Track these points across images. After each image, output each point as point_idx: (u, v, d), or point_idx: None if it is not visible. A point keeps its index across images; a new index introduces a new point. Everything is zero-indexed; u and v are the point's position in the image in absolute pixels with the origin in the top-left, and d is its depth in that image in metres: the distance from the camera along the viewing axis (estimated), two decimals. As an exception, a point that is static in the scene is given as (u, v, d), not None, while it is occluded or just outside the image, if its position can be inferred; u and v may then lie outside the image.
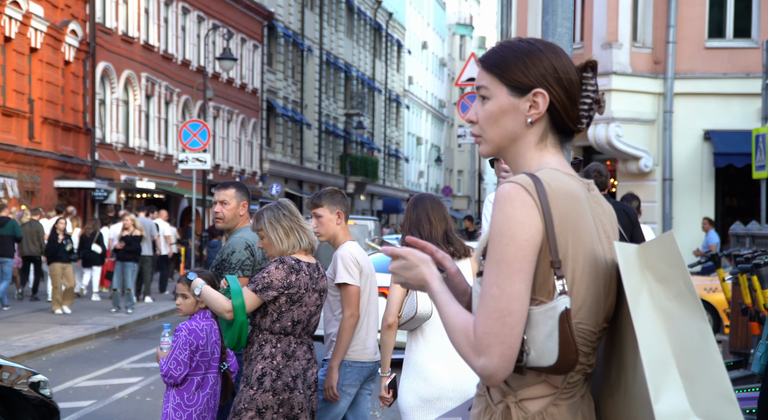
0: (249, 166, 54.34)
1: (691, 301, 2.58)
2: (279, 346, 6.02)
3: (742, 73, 22.88)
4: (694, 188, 23.37)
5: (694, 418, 2.51)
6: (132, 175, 40.42)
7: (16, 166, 32.76)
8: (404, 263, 2.82)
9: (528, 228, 2.58)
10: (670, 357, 2.56)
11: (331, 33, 67.22)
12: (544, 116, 2.76)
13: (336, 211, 6.76)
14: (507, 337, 2.56)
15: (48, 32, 34.98)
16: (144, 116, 43.22)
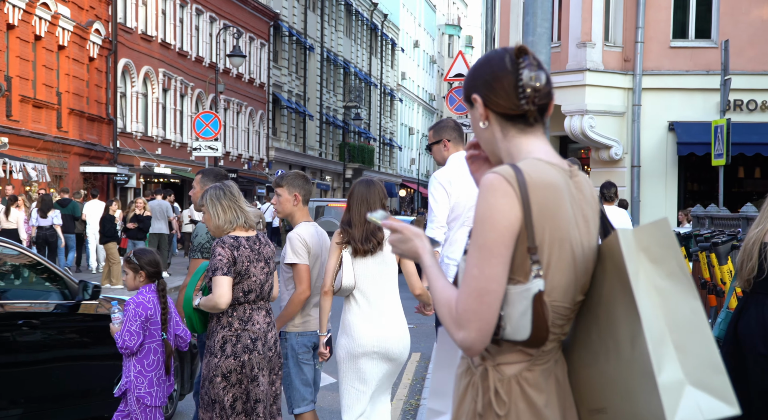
0: (256, 153, 54.27)
1: (684, 280, 2.61)
2: (235, 314, 6.03)
3: (703, 70, 22.89)
4: (659, 174, 23.40)
5: (688, 386, 2.54)
6: (150, 162, 40.39)
7: (46, 152, 32.74)
8: (400, 237, 2.85)
9: (507, 216, 2.61)
10: (665, 331, 2.58)
11: (332, 32, 67.09)
12: (492, 115, 2.79)
13: (294, 193, 6.81)
14: (484, 314, 2.60)
15: (74, 31, 34.91)
16: (161, 108, 43.16)
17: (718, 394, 2.55)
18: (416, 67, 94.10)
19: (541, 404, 2.66)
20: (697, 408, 2.53)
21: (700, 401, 2.54)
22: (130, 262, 6.58)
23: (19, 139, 30.98)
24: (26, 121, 31.86)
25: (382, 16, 78.06)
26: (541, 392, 2.67)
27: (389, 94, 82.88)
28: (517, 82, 2.74)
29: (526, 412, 2.66)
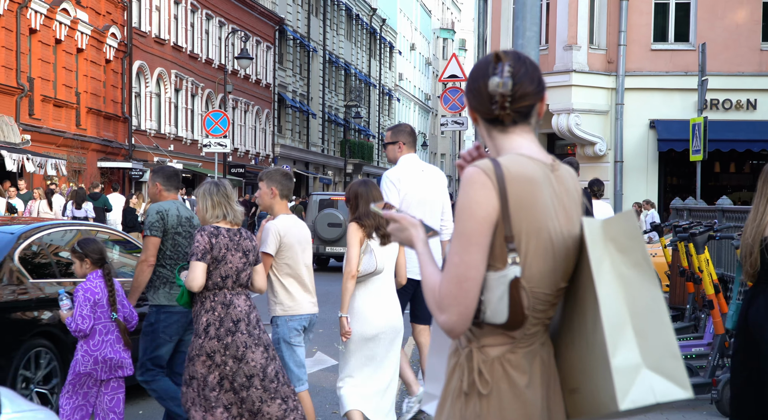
0: (263, 149, 54.26)
1: (647, 269, 2.63)
2: (217, 299, 6.12)
3: (682, 71, 22.89)
4: (640, 169, 23.42)
5: (645, 370, 2.56)
6: (163, 157, 40.37)
7: (66, 149, 32.75)
8: (398, 226, 2.87)
9: (485, 206, 2.62)
10: (626, 317, 2.60)
11: (333, 36, 67.03)
12: (478, 116, 2.83)
13: (271, 187, 6.87)
14: (463, 298, 2.62)
15: (92, 35, 34.89)
16: (173, 107, 43.15)
17: (673, 377, 2.56)
18: (413, 69, 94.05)
19: (522, 385, 2.67)
20: (651, 390, 2.55)
21: (654, 384, 2.55)
22: (75, 252, 6.69)
23: (41, 136, 30.98)
24: (47, 120, 31.85)
25: (381, 20, 77.98)
26: (524, 373, 2.68)
27: (387, 94, 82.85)
28: (492, 92, 2.76)
29: (508, 392, 2.66)
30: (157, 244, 7.10)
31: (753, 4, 23.12)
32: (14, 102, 29.66)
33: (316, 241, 25.07)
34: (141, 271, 7.06)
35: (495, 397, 2.66)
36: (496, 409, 2.66)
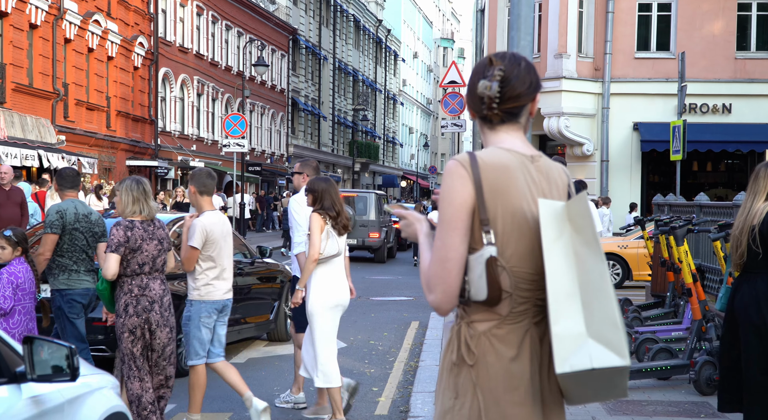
0: (277, 149, 54.30)
1: (596, 247, 2.64)
2: (134, 283, 6.43)
3: (663, 78, 22.88)
4: (625, 168, 23.42)
5: (588, 338, 2.57)
6: (186, 157, 40.43)
7: (97, 148, 32.81)
8: (406, 222, 2.93)
9: (462, 194, 2.67)
10: (575, 291, 2.61)
11: (342, 45, 67.03)
12: (474, 113, 2.87)
13: (192, 186, 7.12)
14: (447, 278, 2.66)
15: (121, 44, 34.93)
16: (195, 110, 43.19)
17: (612, 346, 2.56)
18: (415, 75, 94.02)
19: (508, 357, 2.68)
20: (588, 357, 2.55)
21: (592, 352, 2.55)
22: (10, 239, 6.82)
23: (75, 137, 31.04)
24: (80, 122, 31.91)
25: (386, 30, 77.96)
26: (511, 347, 2.69)
27: (392, 99, 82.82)
28: (480, 94, 2.80)
29: (495, 363, 2.68)
30: (55, 240, 7.58)
31: (728, 16, 23.11)
32: (50, 105, 29.72)
33: None
34: (38, 263, 7.41)
35: (483, 368, 2.68)
36: (485, 379, 2.68)
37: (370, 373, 10.02)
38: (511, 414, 2.66)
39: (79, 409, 3.99)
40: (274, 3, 53.55)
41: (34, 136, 27.58)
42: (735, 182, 24.12)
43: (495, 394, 2.67)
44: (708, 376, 8.04)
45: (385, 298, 17.40)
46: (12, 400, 3.50)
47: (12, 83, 27.21)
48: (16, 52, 27.55)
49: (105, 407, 4.25)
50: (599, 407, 7.54)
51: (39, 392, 3.63)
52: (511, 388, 2.67)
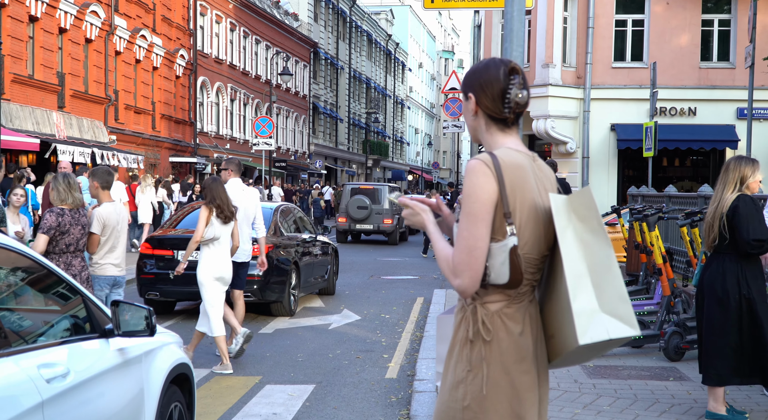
0: (300, 147, 54.30)
1: (601, 234, 2.65)
2: (60, 259, 6.78)
3: (637, 84, 22.79)
4: (603, 163, 23.36)
5: (600, 313, 2.59)
6: (221, 154, 40.45)
7: (144, 147, 32.86)
8: (411, 211, 2.86)
9: (487, 190, 2.63)
10: (585, 272, 2.62)
11: (357, 56, 66.92)
12: (481, 112, 2.79)
13: (95, 182, 7.44)
14: (473, 265, 2.63)
15: (165, 56, 34.94)
16: (229, 113, 43.21)
17: (623, 319, 2.59)
18: (420, 83, 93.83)
19: (517, 333, 2.69)
20: (605, 330, 2.57)
21: (608, 324, 2.57)
22: None
23: (124, 137, 31.10)
24: (129, 124, 31.96)
25: (395, 44, 77.81)
26: (518, 324, 2.69)
27: (400, 103, 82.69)
28: (505, 94, 2.75)
29: (506, 338, 2.68)
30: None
31: (693, 31, 23.01)
32: (103, 109, 29.76)
33: (348, 220, 26.79)
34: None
35: (495, 342, 2.68)
36: (497, 352, 2.68)
37: (382, 342, 10.03)
38: (519, 381, 2.68)
39: (153, 360, 4.28)
40: (297, 20, 53.48)
41: (89, 136, 27.64)
42: (699, 176, 24.07)
43: (506, 365, 2.67)
44: (676, 345, 8.04)
45: (394, 277, 17.40)
46: (102, 351, 3.81)
47: (70, 90, 27.27)
48: (73, 63, 27.59)
49: (172, 359, 4.53)
50: (581, 371, 7.54)
51: (122, 346, 3.93)
52: (519, 359, 2.68)
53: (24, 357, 3.14)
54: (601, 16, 22.84)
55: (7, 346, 3.07)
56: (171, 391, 4.47)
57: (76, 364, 3.47)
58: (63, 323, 3.74)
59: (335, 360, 8.92)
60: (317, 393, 7.43)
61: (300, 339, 10.11)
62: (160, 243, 11.19)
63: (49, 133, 24.92)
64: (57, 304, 3.80)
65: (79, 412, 3.38)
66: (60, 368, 3.31)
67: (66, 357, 3.43)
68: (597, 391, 6.87)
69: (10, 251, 3.46)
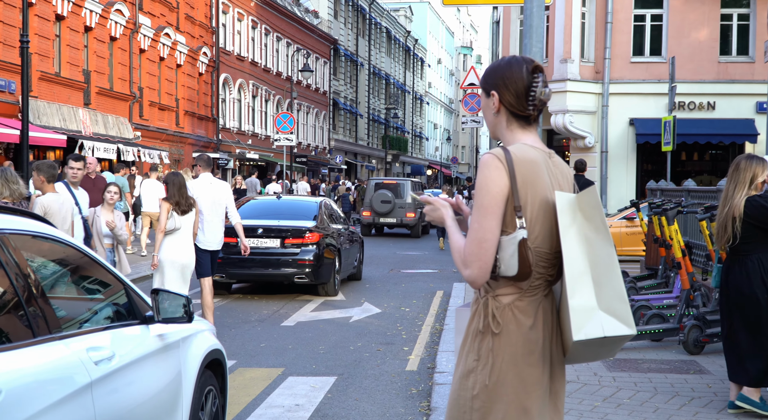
0: (321, 143, 54.36)
1: (604, 233, 2.67)
2: None
3: (656, 79, 22.62)
4: (622, 158, 23.21)
5: (599, 311, 2.62)
6: (243, 149, 40.58)
7: (168, 143, 33.01)
8: (432, 207, 2.90)
9: (498, 183, 2.65)
10: (587, 270, 2.64)
11: (377, 53, 66.88)
12: (503, 109, 2.79)
13: (41, 176, 7.78)
14: (483, 256, 2.65)
15: (188, 54, 35.06)
16: (251, 109, 43.31)
17: (620, 318, 2.62)
18: (439, 79, 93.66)
19: (527, 326, 2.70)
20: (600, 327, 2.60)
21: (604, 322, 2.60)
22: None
23: (149, 133, 31.25)
24: (153, 120, 32.11)
25: (414, 40, 77.67)
26: (529, 317, 2.71)
27: (419, 99, 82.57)
28: (529, 92, 2.75)
29: (515, 331, 2.70)
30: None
31: (712, 25, 22.80)
32: (128, 106, 29.92)
33: (373, 213, 27.46)
34: None
35: (504, 335, 2.70)
36: (506, 344, 2.69)
37: (402, 335, 10.02)
38: (526, 374, 2.69)
39: (190, 346, 4.45)
40: (317, 17, 53.48)
41: (114, 133, 27.79)
42: (718, 170, 23.87)
43: (514, 357, 2.69)
44: (695, 338, 7.97)
45: (414, 270, 17.39)
46: (143, 337, 3.97)
47: (96, 87, 27.42)
48: (99, 60, 27.74)
49: (207, 344, 4.70)
50: (600, 365, 7.50)
51: (162, 332, 4.10)
52: (527, 352, 2.69)
53: (74, 340, 3.30)
54: (620, 11, 22.68)
55: (59, 331, 3.23)
56: (206, 376, 4.64)
57: (120, 348, 3.64)
58: (107, 310, 3.94)
59: (356, 352, 8.92)
60: (339, 385, 7.43)
61: (321, 332, 10.12)
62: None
63: (76, 129, 25.08)
64: (101, 292, 3.98)
65: (124, 393, 3.55)
66: (106, 352, 3.47)
67: (111, 341, 3.61)
68: (617, 384, 6.82)
69: (59, 243, 3.65)
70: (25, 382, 2.83)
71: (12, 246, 3.15)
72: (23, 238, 3.33)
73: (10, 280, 3.04)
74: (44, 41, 24.14)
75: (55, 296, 3.54)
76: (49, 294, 3.42)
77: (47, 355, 3.07)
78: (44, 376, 3.00)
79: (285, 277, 12.61)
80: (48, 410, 2.89)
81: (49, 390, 2.96)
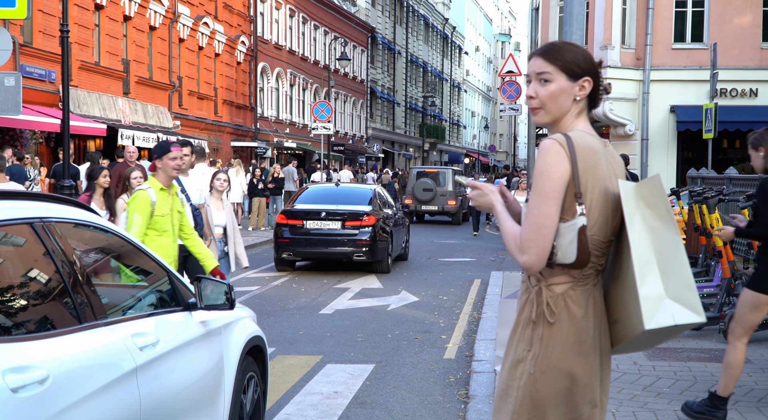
0: (358, 131, 54.42)
1: (670, 221, 2.64)
2: None
3: (697, 66, 22.34)
4: (662, 145, 22.99)
5: (667, 299, 2.57)
6: (281, 138, 40.77)
7: (206, 132, 33.27)
8: (479, 192, 2.86)
9: (560, 169, 2.62)
10: (653, 258, 2.60)
11: (414, 41, 66.70)
12: (587, 97, 2.78)
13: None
14: (541, 242, 2.62)
15: (226, 43, 35.26)
16: (288, 98, 43.48)
17: (690, 306, 2.58)
18: (477, 66, 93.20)
19: (579, 316, 2.69)
20: (671, 315, 2.56)
21: (674, 311, 2.57)
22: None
23: (188, 122, 31.52)
24: (192, 109, 32.37)
25: (452, 27, 77.30)
26: (581, 307, 2.69)
27: (457, 87, 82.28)
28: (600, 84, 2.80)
29: (567, 321, 2.68)
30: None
31: (755, 11, 22.46)
32: (167, 95, 30.19)
33: (414, 201, 28.07)
34: None
35: (557, 324, 2.69)
36: (558, 334, 2.68)
37: (440, 323, 10.04)
38: (575, 364, 2.68)
39: (231, 332, 4.51)
40: (355, 5, 53.46)
41: (154, 122, 28.08)
42: (761, 158, 23.56)
43: (565, 347, 2.68)
44: (736, 328, 7.89)
45: (451, 259, 17.38)
46: (186, 323, 4.03)
47: (135, 76, 27.70)
48: (138, 50, 28.02)
49: (248, 331, 4.76)
50: (640, 354, 7.46)
51: (204, 318, 4.16)
52: (578, 341, 2.68)
53: (119, 326, 3.38)
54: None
55: (104, 317, 3.31)
56: (247, 362, 4.70)
57: (164, 334, 3.71)
58: (151, 297, 4.01)
59: (394, 340, 8.96)
60: (377, 372, 7.48)
61: (359, 320, 10.17)
62: (291, 214, 14.31)
63: (115, 118, 25.37)
64: (145, 279, 4.06)
65: (168, 379, 3.62)
66: (150, 338, 3.54)
67: (155, 328, 3.68)
68: (656, 373, 6.79)
69: (105, 231, 3.73)
70: (72, 368, 2.89)
71: (58, 234, 3.21)
72: (68, 226, 3.38)
73: (56, 268, 3.10)
74: (84, 31, 24.43)
75: (100, 283, 3.61)
76: (94, 281, 3.48)
77: (93, 341, 3.13)
78: (90, 362, 3.06)
79: (345, 255, 14.13)
80: (94, 395, 2.95)
81: (95, 375, 3.02)
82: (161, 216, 6.25)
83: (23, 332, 2.83)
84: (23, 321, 2.91)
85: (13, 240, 3.07)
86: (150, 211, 6.20)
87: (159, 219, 6.26)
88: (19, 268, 3.09)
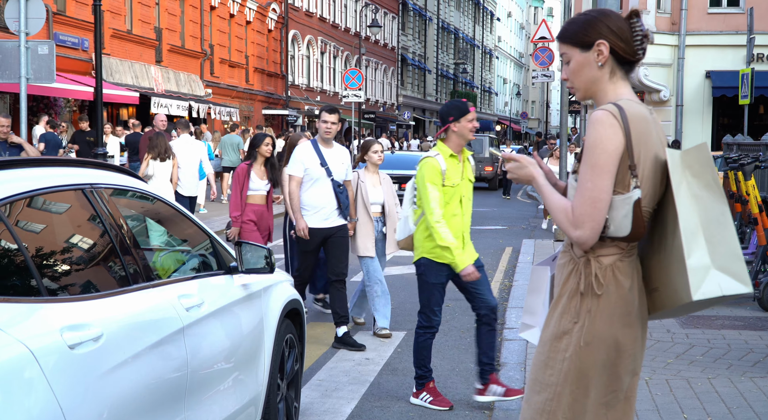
0: (389, 99, 54.28)
1: (716, 190, 2.60)
2: None
3: (733, 31, 22.01)
4: (697, 112, 22.75)
5: (713, 270, 2.54)
6: (312, 106, 40.81)
7: (238, 100, 33.39)
8: (518, 165, 2.82)
9: (614, 141, 2.58)
10: (699, 228, 2.57)
11: (446, 7, 66.16)
12: (609, 58, 2.71)
13: None
14: (596, 216, 2.59)
15: (257, 10, 35.25)
16: (319, 66, 43.44)
17: (736, 276, 2.54)
18: (509, 33, 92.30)
19: (627, 287, 2.67)
20: (718, 286, 2.53)
21: (721, 281, 2.53)
22: None
23: (219, 90, 31.65)
24: (224, 77, 32.48)
25: (483, -7, 76.61)
26: (628, 278, 2.67)
27: (488, 54, 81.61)
28: (634, 34, 2.70)
29: (615, 292, 2.66)
30: None
31: (796, -27, 22.04)
32: (199, 64, 30.31)
33: None
34: None
35: (605, 296, 2.66)
36: (605, 305, 2.65)
37: (472, 290, 10.08)
38: (621, 334, 2.66)
39: (270, 295, 4.62)
40: (385, -29, 53.12)
41: (186, 90, 28.24)
42: (798, 124, 23.30)
43: (612, 318, 2.65)
44: (771, 295, 7.89)
45: (483, 227, 17.40)
46: (228, 286, 4.15)
47: (167, 45, 27.83)
48: (170, 18, 28.11)
49: (286, 294, 4.87)
50: (673, 322, 7.49)
51: (245, 282, 4.28)
52: (625, 313, 2.66)
53: (166, 288, 3.52)
54: (698, -39, 22.06)
55: (152, 279, 3.46)
56: (286, 324, 4.83)
57: (208, 296, 3.83)
58: (194, 261, 4.12)
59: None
60: (408, 339, 7.54)
61: (390, 287, 10.23)
62: None
63: (148, 86, 25.55)
64: (189, 243, 4.18)
65: (212, 338, 3.76)
66: (195, 299, 3.67)
67: (198, 290, 3.81)
68: (690, 341, 6.82)
69: (148, 197, 3.87)
70: (124, 326, 3.02)
71: (106, 199, 3.33)
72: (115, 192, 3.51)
73: (107, 231, 3.22)
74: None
75: (146, 247, 3.74)
76: (141, 244, 3.61)
77: (143, 301, 3.26)
78: (141, 321, 3.19)
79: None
80: (145, 352, 3.07)
81: (146, 333, 3.15)
82: (451, 186, 5.55)
83: (78, 293, 2.95)
84: (78, 282, 3.03)
85: (66, 206, 3.18)
86: (441, 180, 5.51)
87: (449, 189, 5.56)
88: (72, 233, 3.22)
